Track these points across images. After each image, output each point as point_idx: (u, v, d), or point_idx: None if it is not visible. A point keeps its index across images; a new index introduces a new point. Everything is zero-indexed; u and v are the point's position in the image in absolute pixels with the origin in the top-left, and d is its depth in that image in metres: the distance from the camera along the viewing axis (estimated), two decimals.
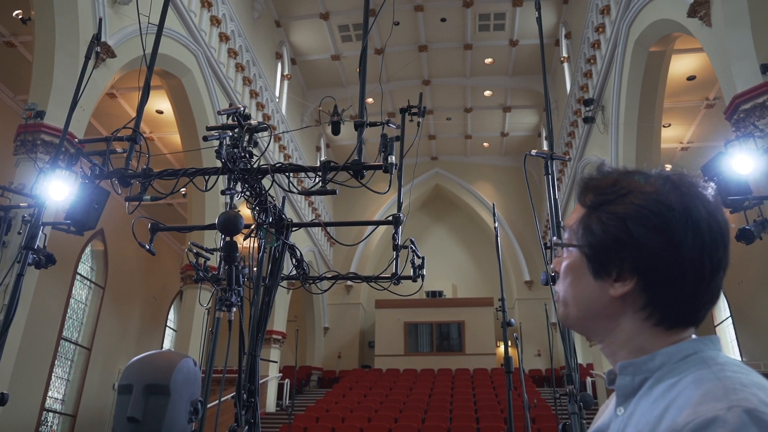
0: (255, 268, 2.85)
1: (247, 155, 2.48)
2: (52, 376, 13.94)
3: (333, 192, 2.52)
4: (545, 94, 3.03)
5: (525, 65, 18.49)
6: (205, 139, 2.41)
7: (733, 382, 0.69)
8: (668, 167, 15.04)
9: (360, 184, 2.47)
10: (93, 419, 15.40)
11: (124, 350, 16.81)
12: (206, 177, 2.64)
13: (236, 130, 2.46)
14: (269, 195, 2.78)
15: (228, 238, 2.33)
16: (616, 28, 11.05)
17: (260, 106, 14.84)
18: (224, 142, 2.40)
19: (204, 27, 11.94)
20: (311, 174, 2.65)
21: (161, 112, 13.54)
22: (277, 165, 2.54)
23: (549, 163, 2.45)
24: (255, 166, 2.53)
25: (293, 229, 2.99)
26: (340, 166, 2.45)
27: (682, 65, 11.93)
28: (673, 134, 14.57)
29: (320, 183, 2.48)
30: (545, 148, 20.12)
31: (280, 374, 16.60)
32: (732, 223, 0.85)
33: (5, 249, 6.35)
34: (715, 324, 15.11)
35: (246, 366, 2.55)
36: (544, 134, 20.86)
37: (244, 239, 2.79)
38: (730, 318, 14.75)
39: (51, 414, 14.15)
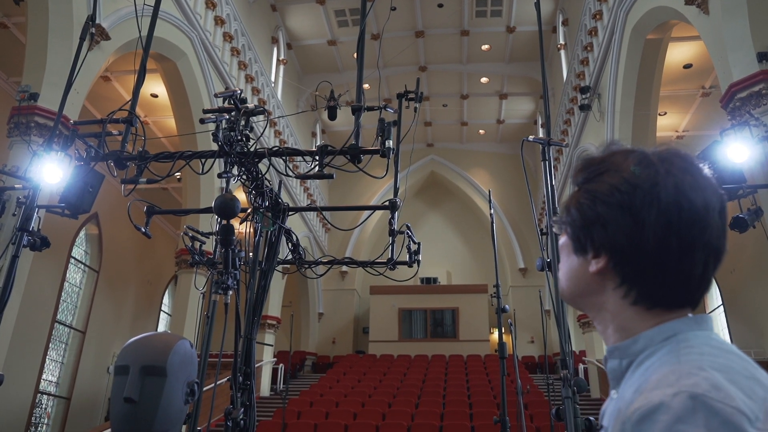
0: (251, 252, 2.85)
1: (244, 139, 2.47)
2: (47, 359, 13.96)
3: (330, 176, 2.52)
4: (543, 81, 3.02)
5: (522, 52, 18.42)
6: (202, 121, 2.40)
7: (691, 366, 0.68)
8: None
9: (357, 168, 2.47)
10: (87, 402, 15.45)
11: (118, 334, 16.82)
12: (203, 160, 2.63)
13: (233, 114, 2.45)
14: (266, 179, 2.78)
15: (224, 222, 2.32)
16: (614, 15, 11.01)
17: (256, 91, 14.75)
18: (221, 125, 2.39)
19: (199, 10, 11.83)
20: (308, 159, 2.64)
21: (156, 96, 13.45)
22: (274, 149, 2.53)
23: (546, 149, 2.45)
24: (251, 149, 2.52)
25: (289, 213, 2.99)
26: (338, 150, 2.45)
27: (678, 53, 11.90)
28: (668, 122, 14.58)
29: (317, 167, 2.48)
30: (542, 135, 20.13)
31: (275, 359, 16.66)
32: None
33: (0, 231, 6.32)
34: (707, 312, 15.24)
35: (242, 349, 2.56)
36: (540, 122, 20.84)
37: (241, 223, 2.79)
38: (722, 306, 14.87)
39: (45, 396, 14.19)
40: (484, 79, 19.74)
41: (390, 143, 2.39)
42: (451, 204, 23.62)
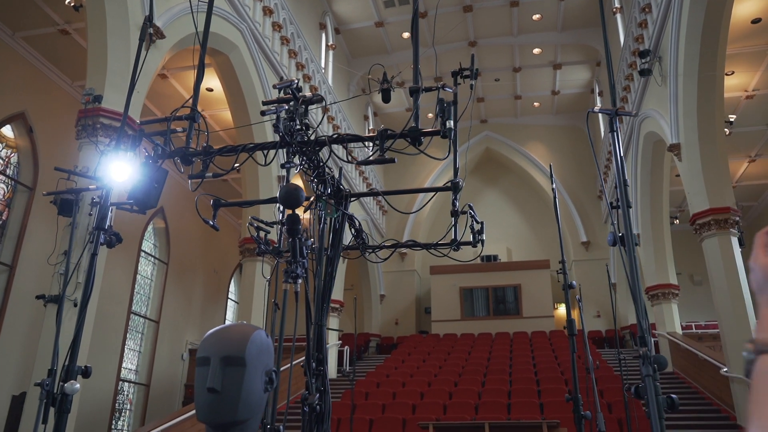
0: (317, 240, 2.88)
1: (304, 128, 2.48)
2: (125, 348, 14.68)
3: (392, 160, 2.51)
4: (605, 46, 2.90)
5: (575, 19, 17.82)
6: (263, 114, 2.43)
7: None
8: (732, 117, 14.28)
9: (419, 151, 2.45)
10: (165, 388, 16.18)
11: (189, 322, 17.50)
12: (265, 151, 2.67)
13: (291, 103, 2.47)
14: (326, 166, 2.79)
15: (290, 211, 2.35)
16: None
17: (307, 78, 14.85)
18: (281, 116, 2.41)
19: (248, 2, 11.96)
20: (367, 143, 2.63)
21: (211, 90, 13.75)
22: (334, 136, 2.54)
23: (614, 119, 2.35)
24: (311, 138, 2.54)
25: (351, 199, 3.00)
26: (398, 133, 2.43)
27: (745, 8, 11.25)
28: (737, 82, 13.85)
29: (377, 152, 2.47)
30: (599, 104, 19.47)
31: (340, 341, 16.96)
32: None
33: (76, 230, 6.63)
34: None
35: (313, 335, 2.61)
36: (596, 90, 20.18)
37: (305, 211, 2.81)
38: None
39: (126, 384, 14.94)
40: (536, 50, 19.22)
41: (450, 123, 2.35)
42: (508, 180, 23.26)
